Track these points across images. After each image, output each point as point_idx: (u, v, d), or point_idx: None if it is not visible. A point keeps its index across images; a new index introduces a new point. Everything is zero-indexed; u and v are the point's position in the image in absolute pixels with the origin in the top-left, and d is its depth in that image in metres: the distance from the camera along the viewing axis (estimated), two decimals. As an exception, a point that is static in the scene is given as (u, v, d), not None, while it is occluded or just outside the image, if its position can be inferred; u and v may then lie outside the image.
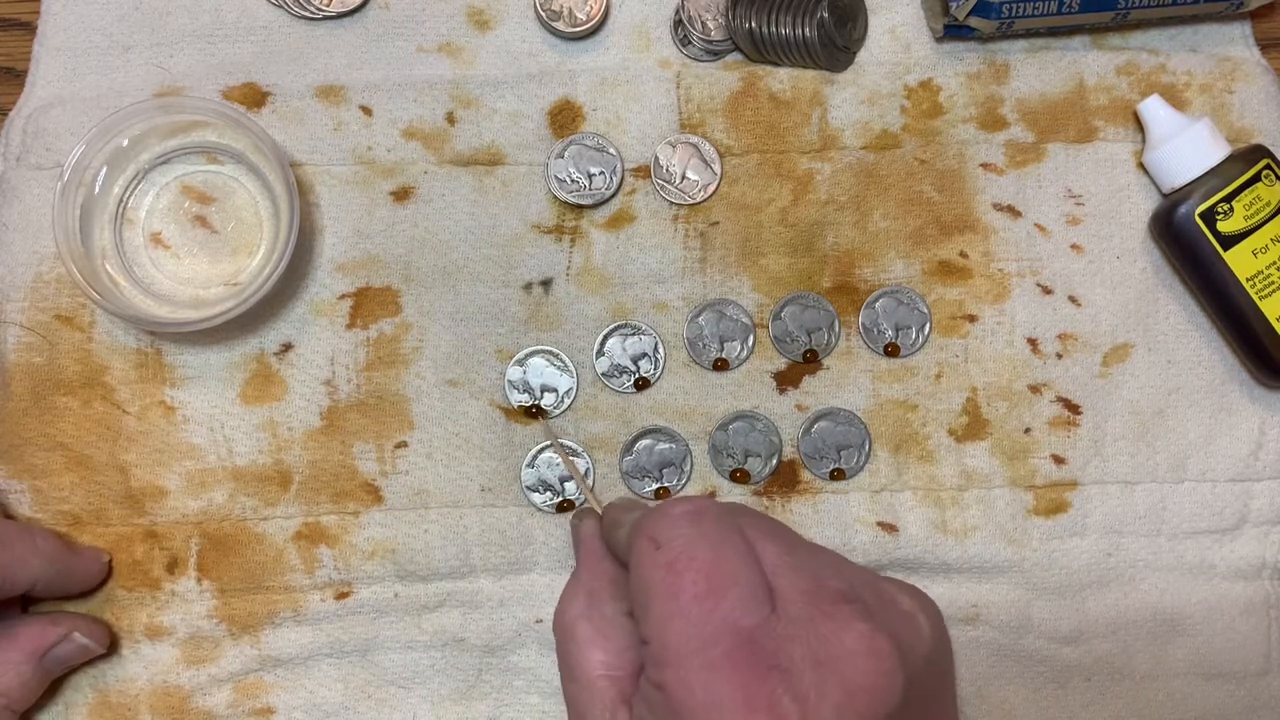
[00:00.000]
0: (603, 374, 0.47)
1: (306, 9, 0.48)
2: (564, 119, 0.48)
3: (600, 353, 0.47)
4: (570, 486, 0.46)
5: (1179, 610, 0.47)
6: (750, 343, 0.47)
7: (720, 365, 0.47)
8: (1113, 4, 0.46)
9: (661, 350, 0.47)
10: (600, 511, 0.40)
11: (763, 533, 0.34)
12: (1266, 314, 0.45)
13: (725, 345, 0.47)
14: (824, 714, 0.30)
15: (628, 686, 0.34)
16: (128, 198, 0.46)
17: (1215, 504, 0.47)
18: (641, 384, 0.47)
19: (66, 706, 0.45)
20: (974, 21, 0.46)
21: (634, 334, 0.47)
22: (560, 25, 0.48)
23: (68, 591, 0.44)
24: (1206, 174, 0.45)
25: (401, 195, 0.47)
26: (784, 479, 0.47)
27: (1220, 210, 0.45)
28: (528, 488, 0.46)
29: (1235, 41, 0.50)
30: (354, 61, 0.48)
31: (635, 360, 0.47)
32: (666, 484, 0.46)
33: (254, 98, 0.47)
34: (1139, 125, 0.48)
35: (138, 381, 0.46)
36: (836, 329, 0.47)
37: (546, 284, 0.47)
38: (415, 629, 0.46)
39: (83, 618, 0.44)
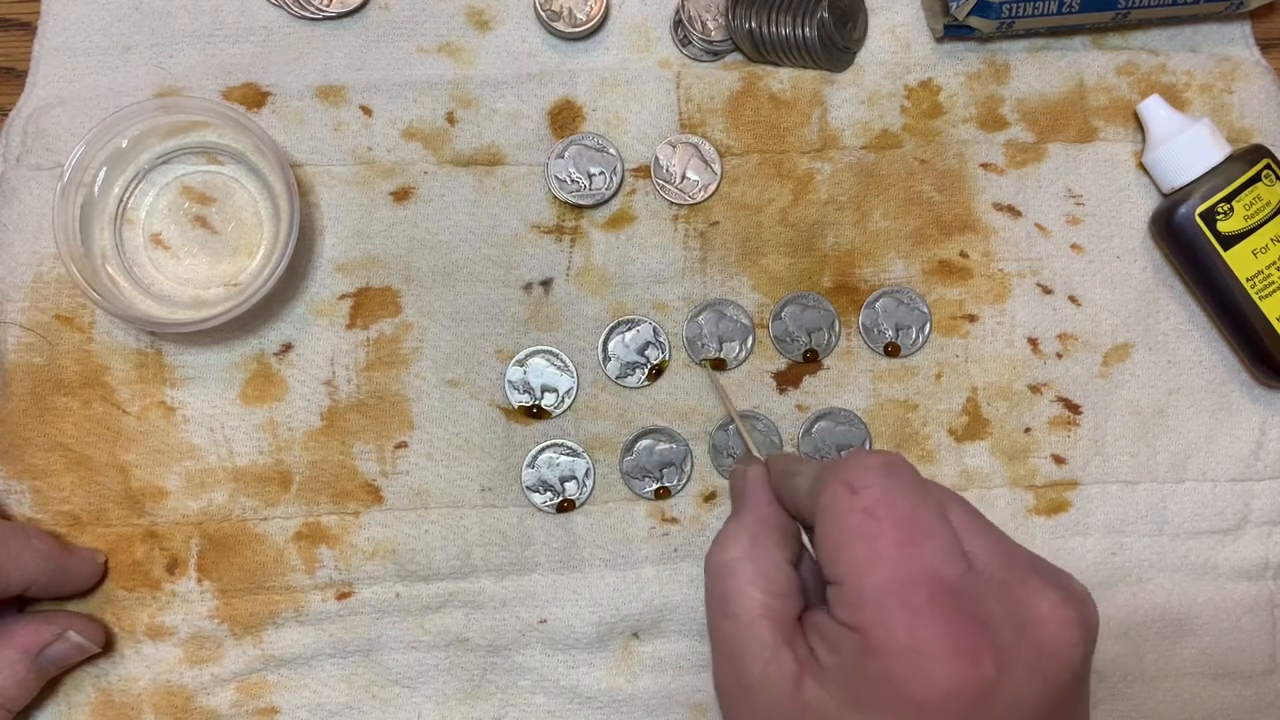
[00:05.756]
0: (615, 378, 0.46)
1: (306, 9, 0.48)
2: (564, 119, 0.48)
3: (606, 356, 0.47)
4: (570, 487, 0.46)
5: (1186, 610, 0.47)
6: (749, 343, 0.47)
7: (718, 365, 0.47)
8: (1113, 4, 0.46)
9: (663, 335, 0.47)
10: (764, 460, 0.40)
11: (951, 498, 0.35)
12: (1266, 314, 0.45)
13: (724, 345, 0.47)
14: (1019, 673, 0.31)
15: (789, 630, 0.34)
16: (128, 198, 0.46)
17: (1216, 504, 0.47)
18: (655, 372, 0.47)
19: (69, 705, 0.45)
20: (974, 21, 0.46)
21: (631, 328, 0.47)
22: (560, 25, 0.48)
23: (63, 592, 0.44)
24: (1206, 174, 0.45)
25: (401, 195, 0.47)
26: (784, 479, 0.47)
27: (1220, 210, 0.45)
28: (528, 488, 0.46)
29: (1235, 41, 0.50)
30: (354, 61, 0.48)
31: (641, 351, 0.47)
32: (667, 484, 0.46)
33: (254, 98, 0.47)
34: (1139, 125, 0.48)
35: (138, 381, 0.46)
36: (836, 329, 0.47)
37: (546, 284, 0.47)
38: (418, 629, 0.46)
39: (78, 616, 0.44)
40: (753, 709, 0.34)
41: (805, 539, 0.38)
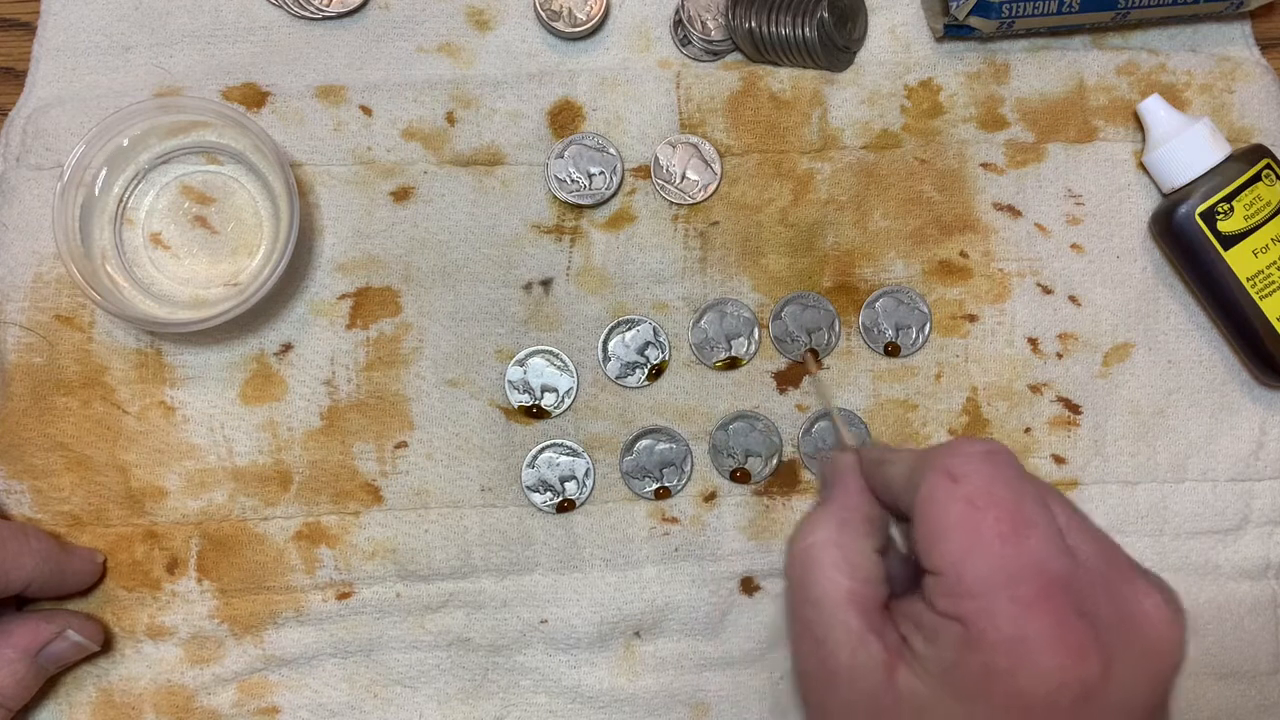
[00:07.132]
0: (615, 378, 0.46)
1: (306, 9, 0.48)
2: (564, 119, 0.48)
3: (606, 356, 0.47)
4: (570, 487, 0.46)
5: (1189, 610, 0.46)
6: (756, 335, 0.47)
7: (732, 363, 0.47)
8: (1113, 4, 0.46)
9: (663, 335, 0.47)
10: (857, 449, 0.40)
11: (1051, 492, 0.34)
12: (1267, 314, 0.45)
13: (733, 343, 0.47)
14: (1123, 672, 0.31)
15: (875, 618, 0.34)
16: (128, 198, 0.46)
17: (1217, 504, 0.47)
18: (655, 372, 0.47)
19: (70, 705, 0.45)
20: (974, 21, 0.46)
21: (631, 328, 0.47)
22: (560, 25, 0.48)
23: (62, 591, 0.44)
24: (1207, 174, 0.45)
25: (401, 195, 0.47)
26: (784, 479, 0.47)
27: (1220, 210, 0.45)
28: (528, 488, 0.46)
29: (1235, 41, 0.50)
30: (354, 61, 0.48)
31: (641, 351, 0.47)
32: (667, 484, 0.46)
33: (254, 98, 0.47)
34: (1139, 125, 0.48)
35: (138, 381, 0.46)
36: (836, 329, 0.47)
37: (546, 284, 0.47)
38: (419, 629, 0.46)
39: (77, 615, 0.44)
40: (838, 696, 0.33)
41: (893, 529, 0.38)
